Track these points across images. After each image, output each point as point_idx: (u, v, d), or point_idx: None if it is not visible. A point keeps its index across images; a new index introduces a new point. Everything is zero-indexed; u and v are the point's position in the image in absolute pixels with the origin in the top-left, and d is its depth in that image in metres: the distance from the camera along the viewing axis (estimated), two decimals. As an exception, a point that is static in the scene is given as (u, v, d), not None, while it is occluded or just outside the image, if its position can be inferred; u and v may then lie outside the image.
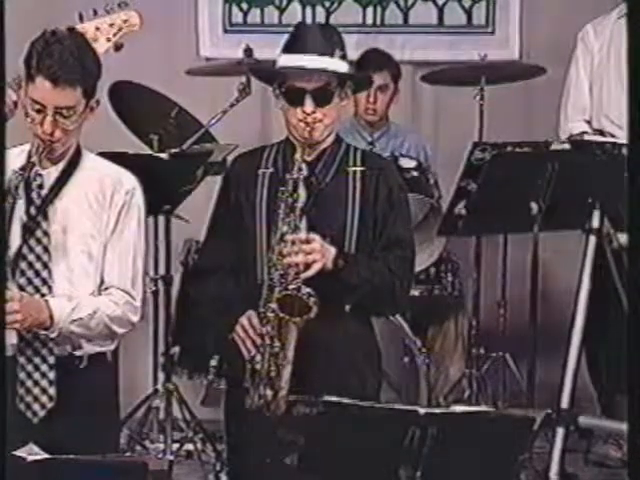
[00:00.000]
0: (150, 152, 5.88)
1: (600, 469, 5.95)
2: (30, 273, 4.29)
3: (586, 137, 6.20)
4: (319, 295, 4.25)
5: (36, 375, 4.29)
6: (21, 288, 4.25)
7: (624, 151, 5.44)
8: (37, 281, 4.28)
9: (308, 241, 4.30)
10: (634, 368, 2.91)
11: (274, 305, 4.29)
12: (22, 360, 4.26)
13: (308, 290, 4.24)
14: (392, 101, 6.45)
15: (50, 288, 4.28)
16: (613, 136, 6.12)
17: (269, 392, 4.35)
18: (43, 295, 4.27)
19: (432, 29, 7.03)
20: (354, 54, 6.11)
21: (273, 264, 4.34)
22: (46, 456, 3.89)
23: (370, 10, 6.98)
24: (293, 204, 4.31)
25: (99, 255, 4.36)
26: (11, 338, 4.21)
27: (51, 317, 4.22)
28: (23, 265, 4.27)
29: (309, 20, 6.78)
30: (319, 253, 4.30)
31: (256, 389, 4.36)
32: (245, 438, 4.48)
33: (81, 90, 4.23)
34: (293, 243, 4.29)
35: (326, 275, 4.30)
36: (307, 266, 4.28)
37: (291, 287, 4.27)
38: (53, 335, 4.24)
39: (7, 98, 4.99)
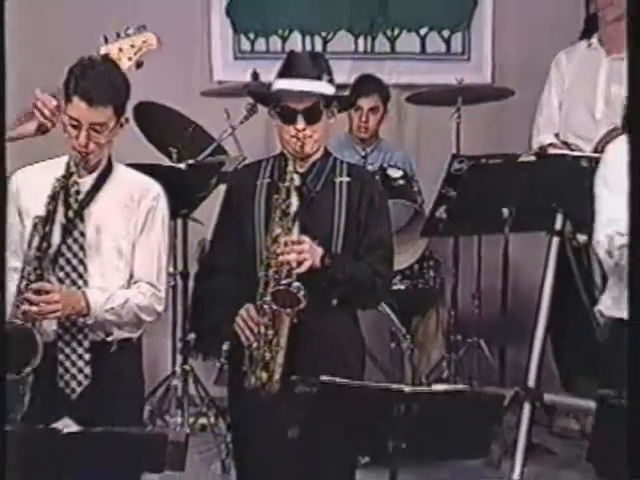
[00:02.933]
0: (170, 163, 5.87)
1: (562, 440, 5.93)
2: (68, 268, 4.29)
3: (552, 149, 6.23)
4: (309, 290, 4.23)
5: (73, 357, 4.27)
6: (60, 281, 4.26)
7: (583, 162, 5.49)
8: (74, 275, 4.29)
9: (299, 242, 4.28)
10: (634, 368, 2.91)
11: (268, 298, 4.27)
12: (61, 344, 4.26)
13: (298, 284, 4.23)
14: (382, 120, 6.44)
15: (86, 281, 4.29)
16: (577, 149, 6.13)
17: (264, 374, 4.32)
18: (79, 287, 4.27)
19: (415, 56, 7.00)
20: (348, 78, 6.19)
21: (268, 262, 4.33)
22: (80, 428, 3.89)
23: (361, 40, 6.97)
24: (286, 210, 4.31)
25: (128, 253, 4.36)
26: (51, 325, 4.24)
27: (87, 306, 4.24)
28: (62, 261, 4.28)
29: (308, 48, 6.78)
30: (308, 253, 4.29)
31: (253, 372, 4.34)
32: (245, 414, 4.48)
33: (112, 109, 4.24)
34: (286, 244, 4.27)
35: (315, 272, 4.29)
36: (298, 264, 4.26)
37: (283, 282, 4.25)
38: (89, 322, 4.26)
39: (43, 104, 5.02)
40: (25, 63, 5.54)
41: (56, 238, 4.27)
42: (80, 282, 4.30)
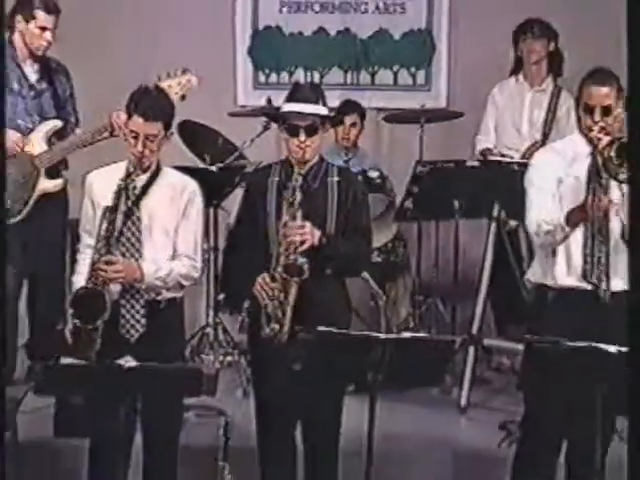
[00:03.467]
0: (204, 166, 5.83)
1: (497, 373, 5.91)
2: (128, 245, 4.29)
3: (488, 153, 6.20)
4: (309, 262, 4.23)
5: (132, 312, 4.28)
6: (123, 255, 4.25)
7: (514, 167, 5.47)
8: (132, 250, 4.28)
9: (302, 226, 4.27)
10: (634, 368, 2.84)
11: (280, 269, 4.26)
12: (123, 302, 4.27)
13: (303, 260, 4.22)
14: (360, 133, 6.34)
15: (141, 255, 4.28)
16: (509, 157, 6.09)
17: (276, 326, 4.32)
18: (136, 260, 4.27)
19: (389, 87, 6.93)
20: (337, 102, 6.14)
21: (279, 242, 4.30)
22: (137, 364, 3.89)
23: (349, 74, 6.89)
24: (292, 202, 4.28)
25: (173, 233, 4.35)
26: (116, 287, 4.24)
27: (142, 274, 4.24)
28: (123, 240, 4.27)
29: (309, 80, 6.71)
30: (309, 234, 4.28)
31: (267, 324, 4.34)
32: (261, 354, 4.48)
33: (162, 124, 4.24)
34: (292, 228, 4.27)
35: (314, 249, 4.28)
36: (301, 243, 4.25)
37: (291, 257, 4.25)
38: (143, 286, 4.27)
39: (117, 117, 4.99)
40: (96, 90, 5.54)
41: (119, 223, 4.25)
42: (137, 255, 4.28)
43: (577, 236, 4.32)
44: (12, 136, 5.32)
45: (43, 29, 5.39)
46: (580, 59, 5.75)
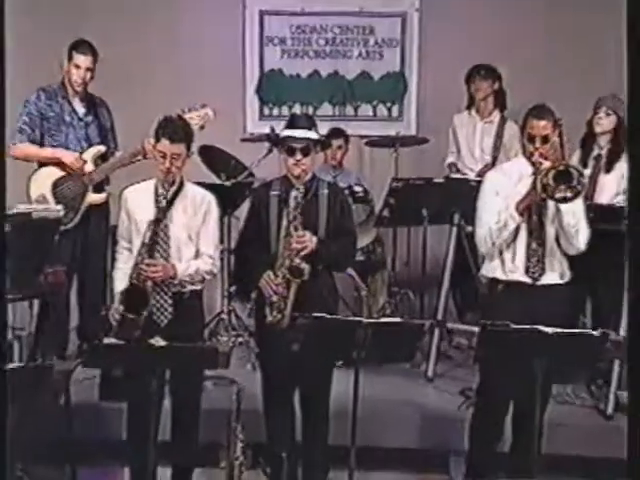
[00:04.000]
0: (220, 182, 5.79)
1: (458, 350, 5.84)
2: (161, 249, 4.27)
3: (455, 169, 6.17)
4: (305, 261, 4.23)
5: (162, 301, 4.27)
6: (160, 257, 4.24)
7: (472, 183, 5.41)
8: (161, 251, 4.26)
9: (303, 235, 4.25)
10: (634, 369, 2.82)
11: (284, 270, 4.25)
12: (155, 294, 4.25)
13: (305, 265, 4.22)
14: (345, 155, 6.31)
15: (169, 255, 4.26)
16: (466, 176, 6.04)
17: (278, 315, 4.31)
18: (166, 259, 4.26)
19: (370, 118, 6.90)
20: (324, 130, 6.12)
21: (283, 246, 4.28)
22: (166, 343, 3.90)
23: (337, 108, 6.87)
24: (295, 216, 4.27)
25: (194, 237, 4.32)
26: (147, 283, 4.23)
27: (175, 273, 4.24)
28: (157, 247, 4.25)
29: (304, 112, 6.66)
30: (309, 241, 4.26)
31: (272, 312, 4.31)
32: (266, 336, 4.45)
33: (184, 145, 4.21)
34: (295, 236, 4.25)
35: (311, 252, 4.28)
36: (302, 249, 4.26)
37: (295, 261, 4.24)
38: (175, 282, 4.26)
39: (148, 143, 4.97)
40: (132, 122, 5.53)
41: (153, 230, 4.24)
42: (165, 255, 4.26)
43: (521, 240, 4.35)
44: (71, 156, 5.37)
45: (77, 67, 5.39)
46: (521, 95, 5.75)
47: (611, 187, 5.14)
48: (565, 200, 4.15)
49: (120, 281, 4.29)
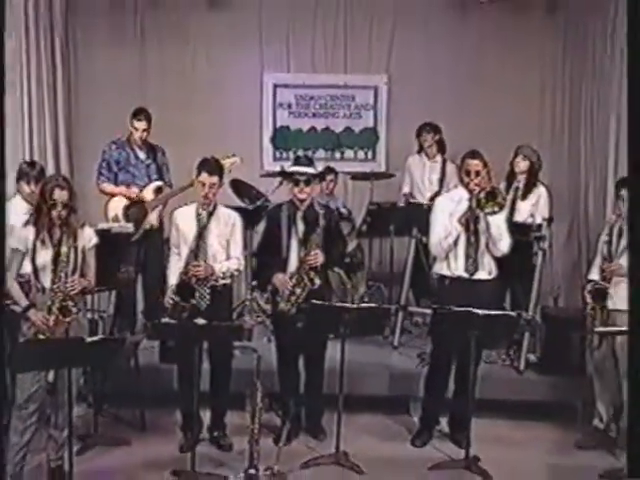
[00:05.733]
0: (244, 205, 5.71)
1: (416, 327, 5.76)
2: (202, 255, 4.19)
3: (409, 198, 6.10)
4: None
5: (202, 291, 4.19)
6: (203, 260, 4.18)
7: (425, 206, 5.39)
8: (204, 257, 4.21)
9: (316, 253, 4.19)
10: (634, 368, 2.68)
11: (301, 278, 4.19)
12: (196, 286, 4.18)
13: (319, 281, 4.19)
14: (335, 186, 6.24)
15: (208, 259, 4.22)
16: (420, 200, 6.00)
17: (289, 304, 4.27)
18: (205, 261, 4.19)
19: (352, 160, 6.84)
20: (321, 168, 6.06)
21: (300, 261, 4.21)
22: (206, 322, 3.89)
23: (329, 152, 6.82)
24: (306, 237, 4.24)
25: (225, 244, 4.26)
26: (193, 279, 4.18)
27: (213, 272, 4.18)
28: (200, 252, 4.17)
29: (305, 155, 6.63)
30: (320, 257, 4.21)
31: (284, 302, 4.27)
32: (279, 317, 4.36)
33: (217, 177, 4.15)
34: (308, 254, 4.19)
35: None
36: (315, 263, 4.21)
37: (311, 274, 4.20)
38: (212, 278, 4.21)
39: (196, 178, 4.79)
40: (182, 163, 5.50)
41: (192, 243, 4.21)
42: (204, 258, 4.19)
43: (461, 246, 4.36)
44: (133, 192, 5.39)
45: (136, 129, 5.39)
46: (456, 143, 5.74)
47: (525, 210, 5.19)
48: (493, 212, 4.17)
49: (173, 277, 4.22)
